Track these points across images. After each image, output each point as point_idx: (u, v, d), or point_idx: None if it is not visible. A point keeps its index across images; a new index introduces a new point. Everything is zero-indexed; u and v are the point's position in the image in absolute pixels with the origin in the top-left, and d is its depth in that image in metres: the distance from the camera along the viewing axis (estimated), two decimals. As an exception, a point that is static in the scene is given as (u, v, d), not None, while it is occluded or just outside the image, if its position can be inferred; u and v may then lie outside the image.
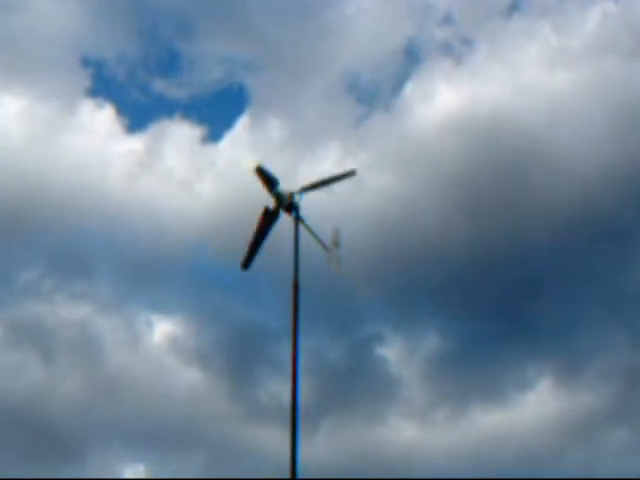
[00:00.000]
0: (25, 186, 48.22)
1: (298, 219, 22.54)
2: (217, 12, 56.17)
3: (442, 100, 51.37)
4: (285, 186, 22.66)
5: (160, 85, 57.14)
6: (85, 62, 57.44)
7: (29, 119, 51.73)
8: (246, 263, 22.68)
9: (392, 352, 47.32)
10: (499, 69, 52.09)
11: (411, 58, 55.50)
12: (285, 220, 22.81)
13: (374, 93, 55.21)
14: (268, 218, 22.52)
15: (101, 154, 52.20)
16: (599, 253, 49.19)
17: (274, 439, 35.39)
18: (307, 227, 22.77)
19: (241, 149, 52.97)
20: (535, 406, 45.38)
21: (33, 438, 42.06)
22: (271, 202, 22.55)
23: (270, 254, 25.33)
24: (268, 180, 22.39)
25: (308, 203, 22.86)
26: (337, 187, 23.63)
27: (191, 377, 46.05)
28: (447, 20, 54.65)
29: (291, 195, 22.56)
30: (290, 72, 54.62)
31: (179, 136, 53.51)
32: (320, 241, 22.99)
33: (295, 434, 20.55)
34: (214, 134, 62.89)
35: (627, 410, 42.04)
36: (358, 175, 23.36)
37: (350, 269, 23.86)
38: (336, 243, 23.11)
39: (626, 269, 48.92)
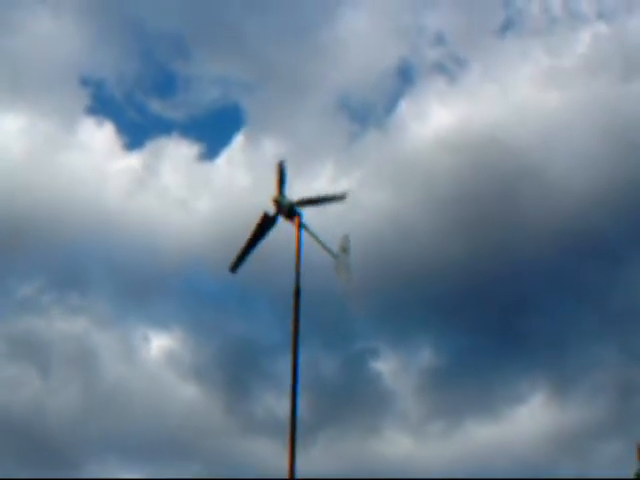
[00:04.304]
0: (24, 202, 48.64)
1: (302, 226, 21.64)
2: (213, 34, 56.85)
3: (436, 119, 52.02)
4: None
5: (157, 105, 57.76)
6: (84, 81, 58.15)
7: (29, 136, 52.29)
8: (235, 266, 21.87)
9: (387, 366, 47.68)
10: (492, 88, 52.79)
11: (404, 78, 56.20)
12: (283, 230, 22.13)
13: (368, 112, 55.79)
14: (266, 223, 21.83)
15: (99, 171, 52.81)
16: (591, 269, 49.79)
17: (270, 452, 35.74)
18: (312, 234, 21.86)
19: (237, 167, 53.50)
20: (528, 420, 45.78)
21: (30, 451, 42.23)
22: (271, 208, 21.90)
23: (267, 268, 25.46)
24: (282, 181, 21.81)
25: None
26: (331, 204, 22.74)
27: (187, 391, 46.39)
28: (440, 40, 55.38)
29: (292, 204, 21.76)
30: (285, 92, 55.26)
31: (176, 154, 54.05)
32: (328, 249, 21.97)
33: (294, 445, 20.08)
34: (210, 152, 63.59)
35: (619, 424, 42.38)
36: (352, 193, 22.46)
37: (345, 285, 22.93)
38: (345, 250, 22.00)
39: (617, 285, 49.57)
